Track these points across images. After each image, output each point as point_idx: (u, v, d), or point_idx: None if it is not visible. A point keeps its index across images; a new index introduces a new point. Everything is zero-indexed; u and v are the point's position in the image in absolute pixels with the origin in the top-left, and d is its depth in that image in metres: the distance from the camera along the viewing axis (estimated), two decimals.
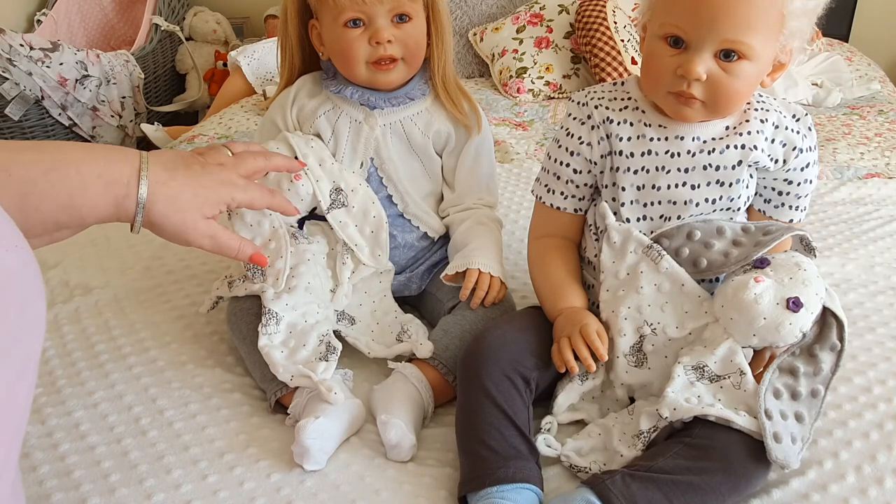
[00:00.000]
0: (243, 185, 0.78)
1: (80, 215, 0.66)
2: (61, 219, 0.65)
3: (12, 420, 0.48)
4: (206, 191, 0.74)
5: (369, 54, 0.96)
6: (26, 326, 0.48)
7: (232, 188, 0.77)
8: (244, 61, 2.27)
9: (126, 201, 0.68)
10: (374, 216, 0.99)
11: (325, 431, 0.79)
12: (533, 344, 0.84)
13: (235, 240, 0.79)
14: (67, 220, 0.66)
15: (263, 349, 0.86)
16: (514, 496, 0.71)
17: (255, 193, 0.79)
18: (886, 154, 1.65)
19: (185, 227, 0.73)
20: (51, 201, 0.64)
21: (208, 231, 0.75)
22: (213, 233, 0.76)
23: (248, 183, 0.79)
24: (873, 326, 1.03)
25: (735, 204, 0.85)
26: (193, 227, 0.74)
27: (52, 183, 0.64)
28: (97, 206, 0.67)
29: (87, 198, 0.66)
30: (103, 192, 0.67)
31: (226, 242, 0.77)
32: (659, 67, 0.79)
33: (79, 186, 0.65)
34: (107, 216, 0.68)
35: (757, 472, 0.73)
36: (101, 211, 0.67)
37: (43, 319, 0.51)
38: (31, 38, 2.13)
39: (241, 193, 0.78)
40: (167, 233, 0.73)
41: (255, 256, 0.81)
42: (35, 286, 0.50)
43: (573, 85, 2.11)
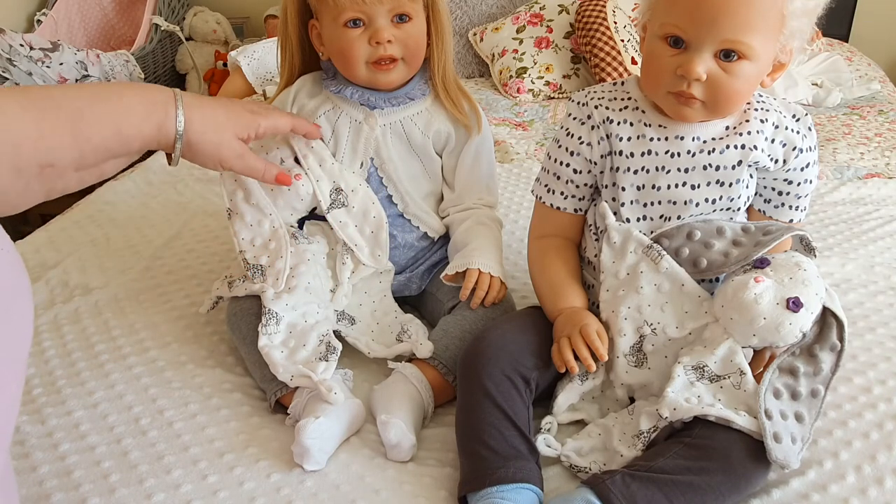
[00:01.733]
0: (265, 112, 0.87)
1: (128, 141, 0.72)
2: (111, 145, 0.70)
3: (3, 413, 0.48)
4: (236, 114, 0.83)
5: (369, 54, 0.96)
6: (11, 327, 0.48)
7: (257, 115, 0.85)
8: (244, 61, 2.26)
9: (167, 123, 0.75)
10: (375, 216, 0.99)
11: (325, 431, 0.79)
12: (533, 344, 0.84)
13: (261, 162, 0.87)
14: (117, 147, 0.71)
15: (263, 349, 0.86)
16: (514, 496, 0.71)
17: (277, 117, 0.89)
18: (886, 154, 1.65)
19: (220, 144, 0.81)
20: (99, 129, 0.68)
21: (240, 150, 0.83)
22: (244, 152, 0.84)
23: (270, 110, 0.88)
24: (873, 326, 1.03)
25: (735, 204, 0.85)
26: (228, 144, 0.82)
27: (99, 112, 0.69)
28: (142, 130, 0.73)
29: (131, 122, 0.72)
30: (146, 116, 0.73)
31: (252, 163, 0.86)
32: (659, 67, 0.79)
33: (124, 112, 0.71)
34: (150, 139, 0.74)
35: (757, 472, 0.73)
36: (146, 134, 0.73)
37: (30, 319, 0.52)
38: (31, 38, 2.13)
39: (265, 119, 0.86)
40: (204, 151, 0.80)
41: (280, 176, 0.90)
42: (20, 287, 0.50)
43: (573, 85, 2.11)
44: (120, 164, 0.75)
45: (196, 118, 0.77)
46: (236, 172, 0.86)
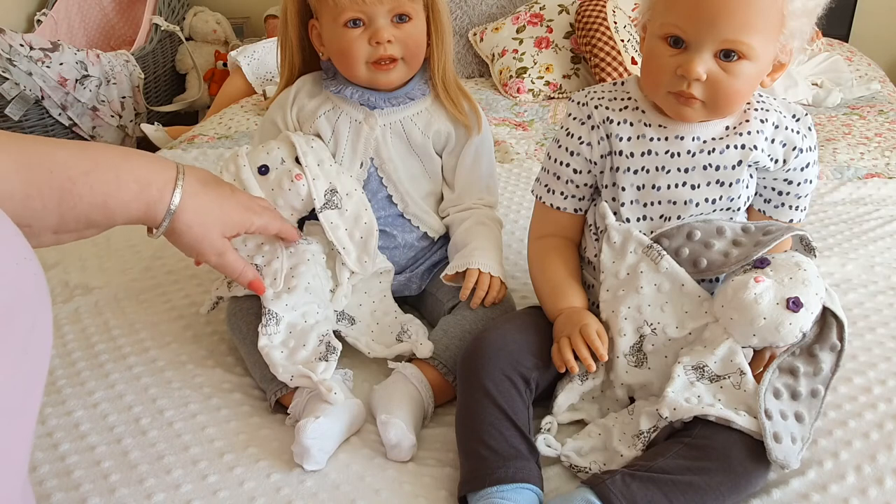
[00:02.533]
0: (260, 211, 0.86)
1: (112, 215, 0.69)
2: (94, 217, 0.68)
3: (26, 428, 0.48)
4: (231, 211, 0.81)
5: (369, 54, 0.96)
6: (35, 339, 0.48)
7: (252, 214, 0.84)
8: (244, 61, 2.27)
9: (157, 206, 0.72)
10: (366, 222, 0.99)
11: (325, 431, 0.78)
12: (533, 344, 0.84)
13: (240, 262, 0.85)
14: (100, 219, 0.69)
15: (263, 349, 0.86)
16: (514, 496, 0.71)
17: (268, 219, 0.87)
18: (886, 154, 1.65)
19: (203, 239, 0.78)
20: (87, 201, 0.66)
21: (221, 248, 0.81)
22: (224, 251, 0.82)
23: (263, 209, 0.87)
24: (873, 326, 1.03)
25: (735, 204, 0.85)
26: (210, 241, 0.79)
27: (90, 184, 0.66)
28: (129, 208, 0.70)
29: (120, 200, 0.69)
30: (137, 195, 0.70)
31: (230, 263, 0.83)
32: (659, 67, 0.79)
33: (115, 189, 0.69)
34: (136, 218, 0.72)
35: (757, 472, 0.73)
36: (132, 213, 0.71)
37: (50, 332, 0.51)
38: (31, 38, 2.13)
39: (258, 219, 0.85)
40: (184, 242, 0.77)
41: (253, 283, 0.87)
42: (43, 299, 0.50)
43: (573, 85, 2.11)
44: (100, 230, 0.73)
45: (188, 208, 0.75)
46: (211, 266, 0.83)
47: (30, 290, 0.48)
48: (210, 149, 1.74)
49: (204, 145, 1.78)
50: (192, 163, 1.66)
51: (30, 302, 0.48)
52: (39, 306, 0.49)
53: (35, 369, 0.49)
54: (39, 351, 0.49)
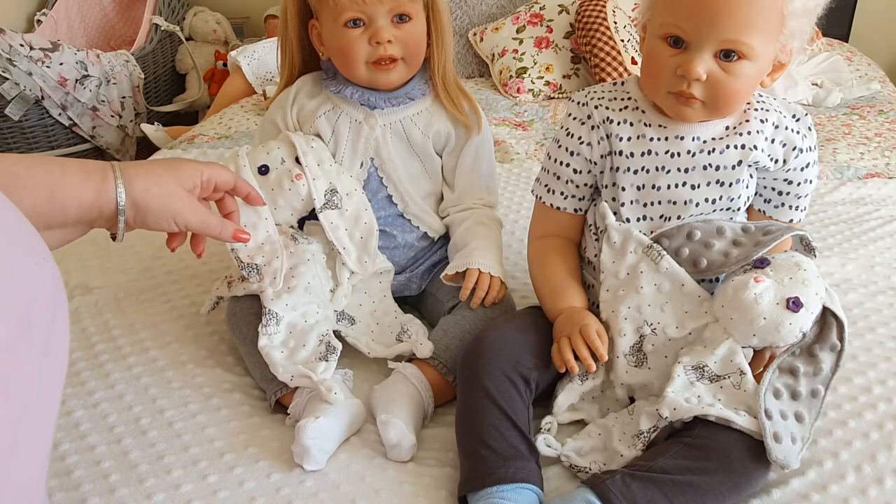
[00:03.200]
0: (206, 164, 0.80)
1: (62, 207, 0.67)
2: (43, 211, 0.66)
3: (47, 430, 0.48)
4: (175, 165, 0.77)
5: (369, 54, 0.96)
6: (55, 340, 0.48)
7: (198, 164, 0.79)
8: (244, 61, 2.26)
9: (105, 185, 0.70)
10: (366, 223, 0.99)
11: (325, 431, 0.78)
12: (533, 344, 0.84)
13: (217, 218, 0.81)
14: (49, 212, 0.67)
15: (263, 349, 0.86)
16: (514, 496, 0.71)
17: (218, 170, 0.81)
18: (886, 154, 1.65)
19: (170, 196, 0.74)
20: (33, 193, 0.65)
21: (192, 204, 0.77)
22: (196, 207, 0.77)
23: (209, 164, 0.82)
24: (873, 326, 1.03)
25: (735, 204, 0.85)
26: (179, 197, 0.75)
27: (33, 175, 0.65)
28: (78, 195, 0.68)
29: (67, 187, 0.67)
30: (84, 181, 0.69)
31: (209, 218, 0.79)
32: (659, 67, 0.79)
33: (59, 176, 0.67)
34: (89, 206, 0.69)
35: (757, 472, 0.73)
36: (83, 200, 0.68)
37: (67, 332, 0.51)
38: (31, 38, 2.13)
39: (208, 169, 0.80)
40: (153, 208, 0.73)
41: (236, 233, 0.82)
42: (61, 299, 0.50)
43: (573, 85, 2.11)
44: (58, 236, 0.70)
45: (137, 175, 0.72)
46: (191, 229, 0.79)
47: (49, 291, 0.48)
48: (210, 149, 1.74)
49: (204, 145, 1.78)
50: None
51: (49, 303, 0.48)
52: (58, 307, 0.49)
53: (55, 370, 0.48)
54: (59, 351, 0.49)
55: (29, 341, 0.44)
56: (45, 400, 0.47)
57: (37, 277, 0.47)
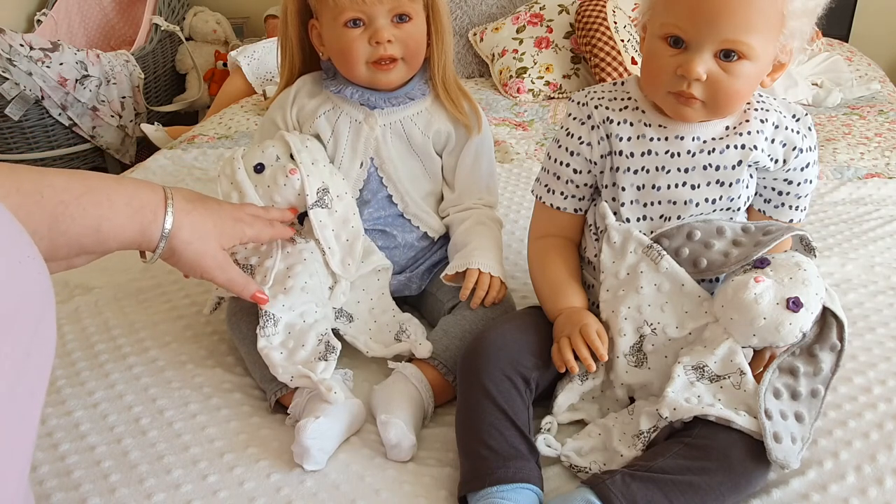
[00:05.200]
0: (250, 221, 0.86)
1: (105, 240, 0.68)
2: (86, 243, 0.67)
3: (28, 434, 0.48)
4: (224, 223, 0.80)
5: (369, 54, 0.96)
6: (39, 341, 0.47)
7: (243, 224, 0.84)
8: (244, 61, 2.27)
9: (152, 227, 0.71)
10: (353, 226, 0.98)
11: (325, 431, 0.78)
12: (533, 344, 0.84)
13: (243, 277, 0.85)
14: (92, 244, 0.68)
15: (263, 350, 0.86)
16: (514, 496, 0.71)
17: (260, 228, 0.87)
18: (886, 154, 1.65)
19: (204, 255, 0.77)
20: (80, 225, 0.65)
21: (222, 261, 0.80)
22: (225, 264, 0.81)
23: (254, 218, 0.87)
24: (873, 326, 1.03)
25: (735, 204, 0.85)
26: (212, 255, 0.78)
27: (83, 207, 0.65)
28: (123, 231, 0.69)
29: (114, 223, 0.68)
30: (130, 217, 0.69)
31: (235, 278, 0.83)
32: (659, 67, 0.79)
33: (108, 211, 0.68)
34: (130, 242, 0.71)
35: (757, 472, 0.73)
36: (127, 236, 0.70)
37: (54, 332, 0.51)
38: (31, 38, 2.13)
39: (250, 229, 0.85)
40: (185, 260, 0.76)
41: (256, 295, 0.86)
42: (47, 298, 0.49)
43: (573, 85, 2.11)
44: (91, 258, 0.72)
45: (184, 225, 0.74)
46: (216, 284, 0.83)
47: (33, 290, 0.47)
48: (210, 149, 1.75)
49: (204, 145, 1.78)
50: (192, 163, 1.66)
51: (33, 302, 0.47)
52: (43, 306, 0.48)
53: (38, 369, 0.48)
54: (43, 351, 0.48)
55: (12, 338, 0.44)
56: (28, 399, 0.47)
57: (21, 275, 0.46)
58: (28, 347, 0.46)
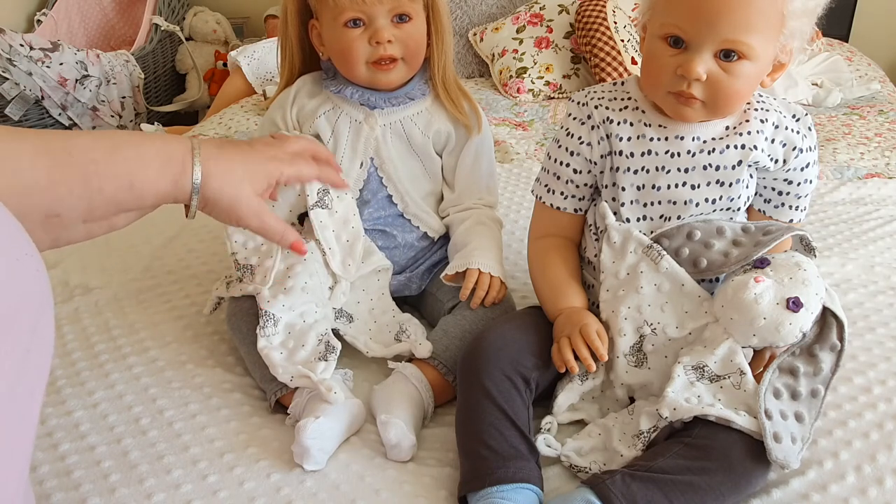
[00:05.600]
0: (289, 159, 0.80)
1: (141, 195, 0.67)
2: (123, 199, 0.66)
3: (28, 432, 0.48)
4: (255, 165, 0.76)
5: (369, 54, 0.96)
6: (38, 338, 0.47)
7: (279, 163, 0.79)
8: (244, 61, 2.27)
9: (183, 179, 0.70)
10: (353, 227, 0.98)
11: (325, 431, 0.79)
12: (533, 344, 0.84)
13: (281, 224, 0.80)
14: (129, 200, 0.67)
15: (263, 351, 0.86)
16: (514, 496, 0.71)
17: (301, 166, 0.81)
18: (886, 154, 1.65)
19: (238, 201, 0.74)
20: (113, 181, 0.65)
21: (258, 209, 0.77)
22: (262, 212, 0.77)
23: (294, 157, 0.81)
24: (873, 326, 1.03)
25: (735, 204, 0.85)
26: (247, 201, 0.75)
27: (113, 163, 0.65)
28: (157, 184, 0.68)
29: (147, 176, 0.67)
30: (161, 169, 0.68)
31: (272, 225, 0.79)
32: (659, 67, 0.79)
33: (138, 165, 0.67)
34: (165, 195, 0.70)
35: (757, 472, 0.73)
36: (161, 189, 0.69)
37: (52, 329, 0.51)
38: (31, 38, 2.13)
39: (288, 167, 0.80)
40: (221, 208, 0.74)
41: (296, 244, 0.82)
42: (46, 296, 0.49)
43: (573, 85, 2.11)
44: (132, 217, 0.71)
45: (213, 173, 0.72)
46: (252, 231, 0.79)
47: (31, 288, 0.47)
48: None
49: None
50: None
51: (32, 299, 0.47)
52: (41, 303, 0.48)
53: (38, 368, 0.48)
54: (42, 350, 0.48)
55: (11, 337, 0.44)
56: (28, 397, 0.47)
57: (19, 272, 0.46)
58: (28, 345, 0.46)
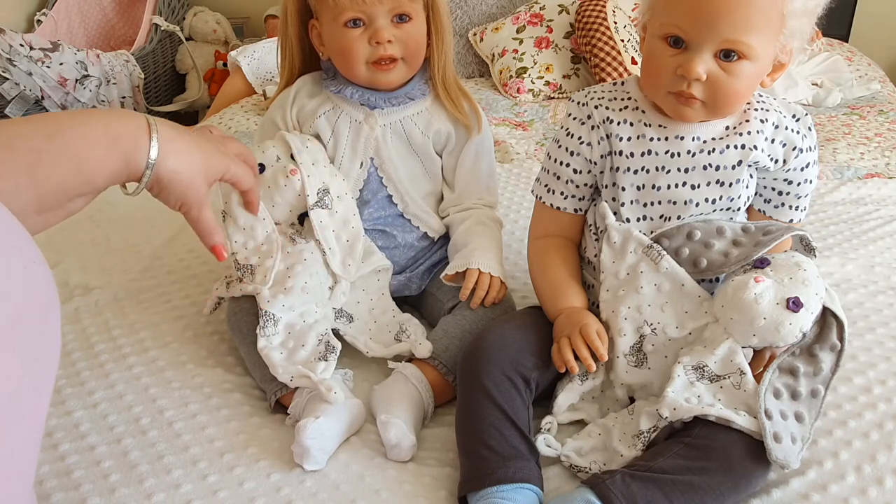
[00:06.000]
0: (233, 158, 0.78)
1: (91, 178, 0.64)
2: (72, 184, 0.63)
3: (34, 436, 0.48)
4: (210, 155, 0.74)
5: (369, 54, 0.96)
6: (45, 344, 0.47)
7: (228, 160, 0.76)
8: (244, 61, 2.26)
9: (136, 155, 0.66)
10: (353, 227, 0.98)
11: (325, 431, 0.79)
12: (533, 344, 0.84)
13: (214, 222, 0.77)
14: (78, 184, 0.63)
15: (262, 351, 0.86)
16: (514, 496, 0.71)
17: (243, 170, 0.79)
18: (886, 154, 1.65)
19: (189, 185, 0.71)
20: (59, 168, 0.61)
21: (204, 199, 0.74)
22: (205, 203, 0.74)
23: (236, 156, 0.79)
24: (873, 326, 1.03)
25: (735, 204, 0.85)
26: (196, 189, 0.72)
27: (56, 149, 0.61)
28: (106, 164, 0.64)
29: (94, 157, 0.63)
30: (110, 148, 0.64)
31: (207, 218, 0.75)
32: (659, 67, 0.79)
33: (84, 147, 0.63)
34: (116, 174, 0.66)
35: (757, 472, 0.73)
36: (111, 169, 0.65)
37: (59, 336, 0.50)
38: (31, 38, 2.13)
39: (235, 167, 0.77)
40: (171, 191, 0.70)
41: (217, 248, 0.79)
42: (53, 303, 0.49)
43: (573, 85, 2.11)
44: (87, 200, 0.67)
45: (170, 153, 0.68)
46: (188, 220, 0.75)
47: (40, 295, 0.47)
48: None
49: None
50: None
51: (39, 306, 0.47)
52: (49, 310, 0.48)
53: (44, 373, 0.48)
54: (49, 355, 0.48)
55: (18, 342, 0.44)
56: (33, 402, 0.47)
57: (26, 279, 0.46)
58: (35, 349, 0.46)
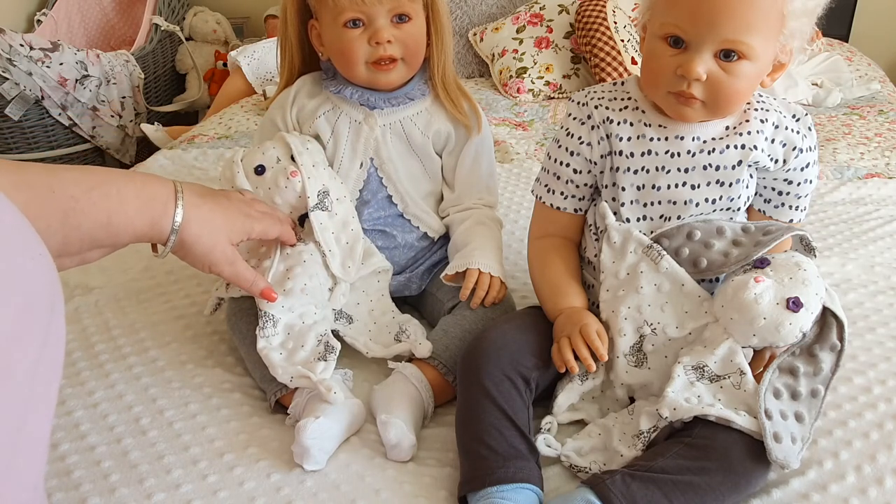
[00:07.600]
0: (259, 216, 0.87)
1: (117, 233, 0.69)
2: (98, 236, 0.68)
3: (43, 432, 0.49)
4: (233, 218, 0.81)
5: (369, 54, 0.96)
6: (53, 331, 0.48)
7: (252, 220, 0.85)
8: (244, 61, 2.26)
9: (162, 220, 0.72)
10: (353, 229, 0.98)
11: (325, 431, 0.79)
12: (533, 344, 0.84)
13: (251, 273, 0.85)
14: (104, 237, 0.69)
15: (262, 351, 0.86)
16: (514, 496, 0.71)
17: (268, 223, 0.87)
18: (886, 154, 1.65)
19: (213, 249, 0.78)
20: (91, 219, 0.66)
21: (232, 257, 0.81)
22: (234, 260, 0.82)
23: (262, 214, 0.87)
24: (873, 326, 1.03)
25: (735, 204, 0.85)
26: (221, 249, 0.79)
27: (93, 201, 0.66)
28: (134, 224, 0.70)
29: (125, 216, 0.69)
30: (141, 210, 0.70)
31: (242, 273, 0.84)
32: (659, 67, 0.79)
33: (118, 204, 0.68)
34: (142, 234, 0.72)
35: (757, 472, 0.73)
36: (137, 229, 0.71)
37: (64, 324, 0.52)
38: (31, 38, 2.13)
39: (258, 224, 0.86)
40: (195, 253, 0.78)
41: (265, 291, 0.86)
42: (58, 293, 0.51)
43: (573, 85, 2.11)
44: (104, 252, 0.73)
45: (193, 219, 0.75)
46: (224, 278, 0.84)
47: (47, 286, 0.49)
48: (210, 149, 1.74)
49: (204, 145, 1.78)
50: (192, 163, 1.66)
51: (47, 294, 0.49)
52: (55, 299, 0.50)
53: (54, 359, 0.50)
54: (56, 343, 0.50)
55: (31, 331, 0.45)
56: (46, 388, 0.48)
57: (34, 271, 0.48)
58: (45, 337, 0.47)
